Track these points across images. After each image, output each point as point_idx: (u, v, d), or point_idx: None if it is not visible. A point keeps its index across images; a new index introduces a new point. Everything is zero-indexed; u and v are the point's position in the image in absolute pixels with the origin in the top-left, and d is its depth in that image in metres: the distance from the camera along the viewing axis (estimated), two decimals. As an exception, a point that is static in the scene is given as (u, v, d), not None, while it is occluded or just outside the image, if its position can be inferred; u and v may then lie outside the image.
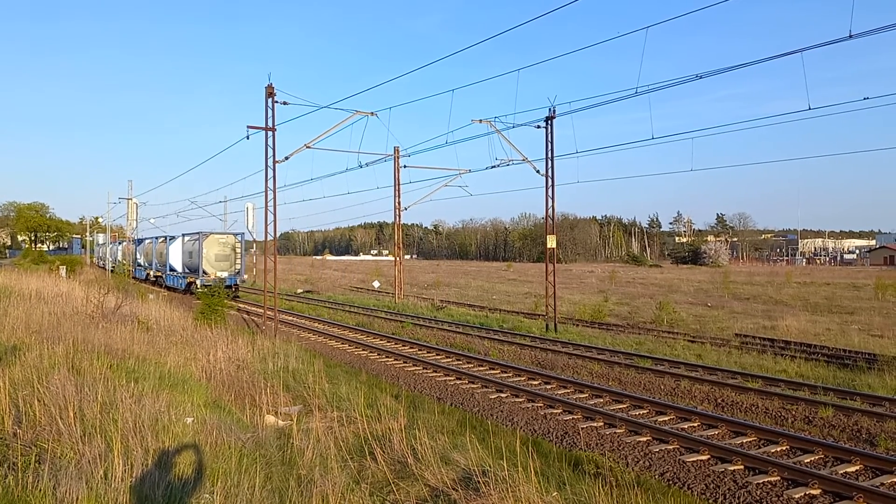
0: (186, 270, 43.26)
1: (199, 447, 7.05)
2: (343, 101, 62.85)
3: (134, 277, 54.40)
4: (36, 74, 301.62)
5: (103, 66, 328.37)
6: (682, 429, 11.63)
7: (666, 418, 12.41)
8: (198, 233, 41.77)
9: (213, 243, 41.05)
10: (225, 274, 39.91)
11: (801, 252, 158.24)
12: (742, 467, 9.55)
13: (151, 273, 51.58)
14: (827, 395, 13.89)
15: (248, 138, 23.93)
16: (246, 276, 45.13)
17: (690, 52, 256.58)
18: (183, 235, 45.09)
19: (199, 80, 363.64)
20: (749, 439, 10.98)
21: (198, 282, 39.84)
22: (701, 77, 18.36)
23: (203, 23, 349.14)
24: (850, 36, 13.82)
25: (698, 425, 11.92)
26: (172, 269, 44.71)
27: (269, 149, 23.26)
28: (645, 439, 11.03)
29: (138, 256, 56.71)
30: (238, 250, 42.03)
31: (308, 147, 25.95)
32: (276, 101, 23.09)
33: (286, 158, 24.71)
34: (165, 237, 48.53)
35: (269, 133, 23.15)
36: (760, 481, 9.00)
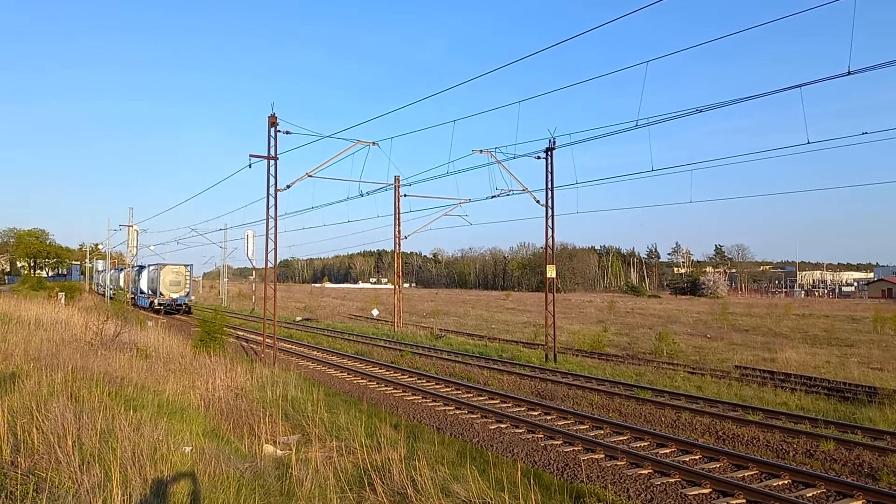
0: (150, 293, 53.06)
1: (197, 477, 6.99)
2: (345, 130, 63.30)
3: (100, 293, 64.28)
4: (38, 99, 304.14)
5: (107, 96, 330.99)
6: (684, 461, 11.56)
7: (667, 451, 12.34)
8: (157, 264, 53.00)
9: (168, 272, 51.75)
10: (177, 295, 51.01)
11: (799, 284, 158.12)
12: (744, 501, 9.48)
13: (128, 296, 59.50)
14: (828, 428, 13.83)
15: (250, 167, 24.13)
16: (194, 297, 56.61)
17: (690, 86, 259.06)
18: (149, 266, 55.47)
19: (201, 109, 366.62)
20: (751, 473, 10.90)
21: (156, 301, 50.82)
22: (701, 110, 18.56)
23: (206, 51, 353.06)
24: (849, 72, 14.00)
25: (700, 458, 11.85)
26: (142, 292, 54.40)
27: (271, 177, 23.39)
28: (647, 472, 10.95)
29: (121, 282, 65.40)
30: (188, 277, 52.90)
31: (310, 176, 26.10)
32: (279, 131, 23.26)
33: (288, 187, 24.82)
34: (140, 267, 58.71)
35: (272, 162, 23.29)
36: (763, 516, 8.92)
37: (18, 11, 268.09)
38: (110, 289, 67.02)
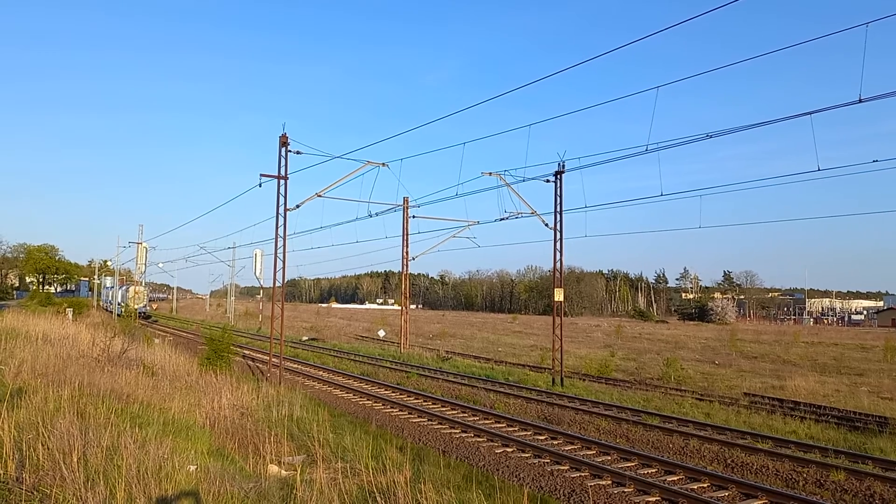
0: (123, 304, 71.32)
1: (201, 496, 6.96)
2: (355, 151, 64.04)
3: (107, 310, 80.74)
4: (49, 113, 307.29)
5: (119, 116, 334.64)
6: (692, 489, 11.41)
7: (675, 478, 12.20)
8: (127, 284, 74.72)
9: (133, 290, 71.95)
10: (138, 306, 70.36)
11: (808, 311, 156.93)
12: (753, 531, 9.34)
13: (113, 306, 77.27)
14: (838, 458, 13.66)
15: (260, 186, 24.25)
16: (149, 308, 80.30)
17: (700, 111, 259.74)
18: (124, 286, 75.50)
19: (212, 130, 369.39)
20: (760, 502, 10.76)
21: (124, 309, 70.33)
22: (711, 136, 18.59)
23: (219, 66, 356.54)
24: (860, 100, 14.03)
25: (708, 486, 11.71)
26: (119, 304, 71.94)
27: (280, 197, 23.51)
28: (654, 499, 10.82)
29: (111, 297, 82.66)
30: (146, 293, 76.99)
31: (319, 196, 26.25)
32: (290, 151, 23.42)
33: (297, 206, 24.96)
34: (125, 285, 77.16)
35: (282, 181, 23.42)
36: (773, 546, 8.79)
37: (29, 26, 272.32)
38: (118, 305, 73.30)
